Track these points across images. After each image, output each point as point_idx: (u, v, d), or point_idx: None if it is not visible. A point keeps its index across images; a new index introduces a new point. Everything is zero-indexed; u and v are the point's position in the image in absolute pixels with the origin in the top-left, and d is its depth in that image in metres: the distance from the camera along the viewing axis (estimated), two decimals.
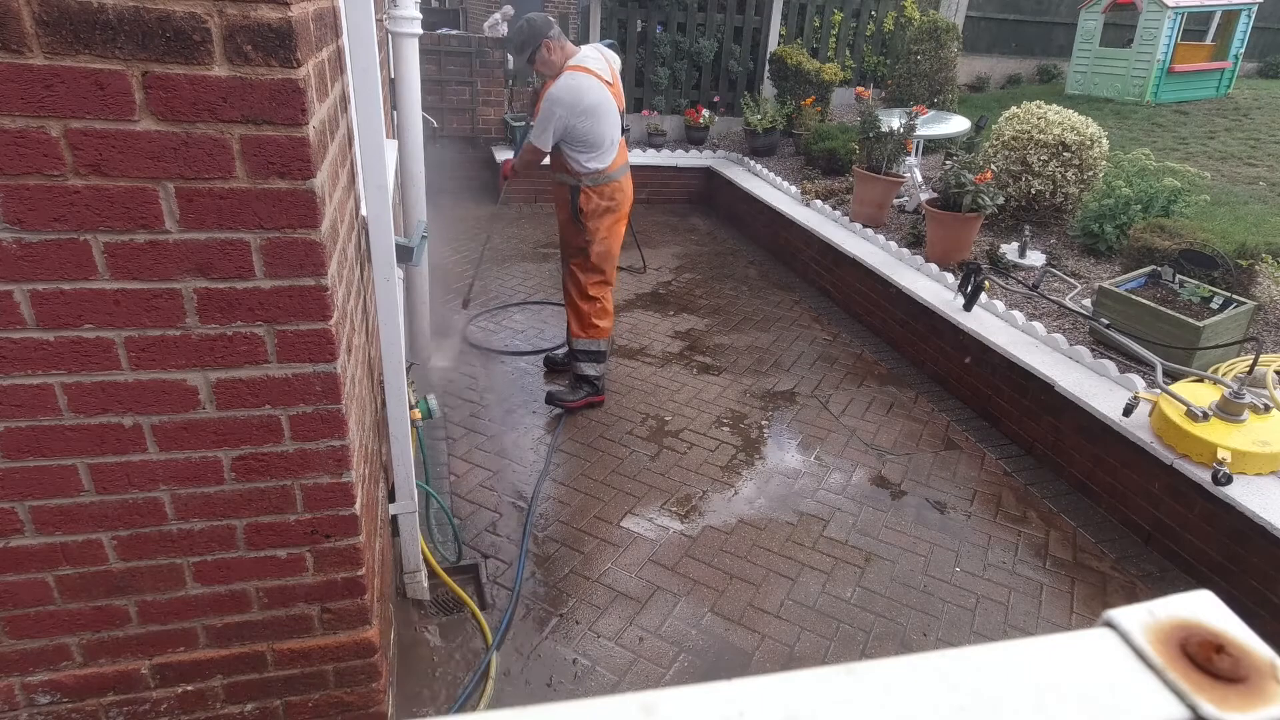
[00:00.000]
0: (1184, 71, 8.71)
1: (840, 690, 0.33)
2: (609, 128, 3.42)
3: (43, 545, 1.38)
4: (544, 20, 3.32)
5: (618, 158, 3.55)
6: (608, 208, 3.54)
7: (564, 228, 3.67)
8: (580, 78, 3.29)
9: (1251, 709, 0.33)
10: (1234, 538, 2.72)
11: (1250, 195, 5.82)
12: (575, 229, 3.57)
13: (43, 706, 1.53)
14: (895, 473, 3.45)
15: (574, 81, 3.26)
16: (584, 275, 3.64)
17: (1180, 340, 3.41)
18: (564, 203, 3.57)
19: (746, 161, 7.07)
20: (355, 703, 1.78)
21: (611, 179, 3.52)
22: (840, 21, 8.20)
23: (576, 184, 3.47)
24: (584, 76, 3.30)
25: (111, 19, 1.05)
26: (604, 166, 3.46)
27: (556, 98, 3.26)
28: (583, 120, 3.30)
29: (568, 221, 3.60)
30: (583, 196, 3.48)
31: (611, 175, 3.51)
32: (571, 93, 3.26)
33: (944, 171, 4.75)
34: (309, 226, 1.26)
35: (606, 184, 3.51)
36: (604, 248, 3.60)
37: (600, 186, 3.49)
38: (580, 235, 3.56)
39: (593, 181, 3.47)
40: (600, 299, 3.68)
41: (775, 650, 2.50)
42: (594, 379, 3.74)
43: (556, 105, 3.26)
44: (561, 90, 3.25)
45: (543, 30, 3.31)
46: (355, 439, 1.56)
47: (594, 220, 3.52)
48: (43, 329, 1.21)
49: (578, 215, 3.51)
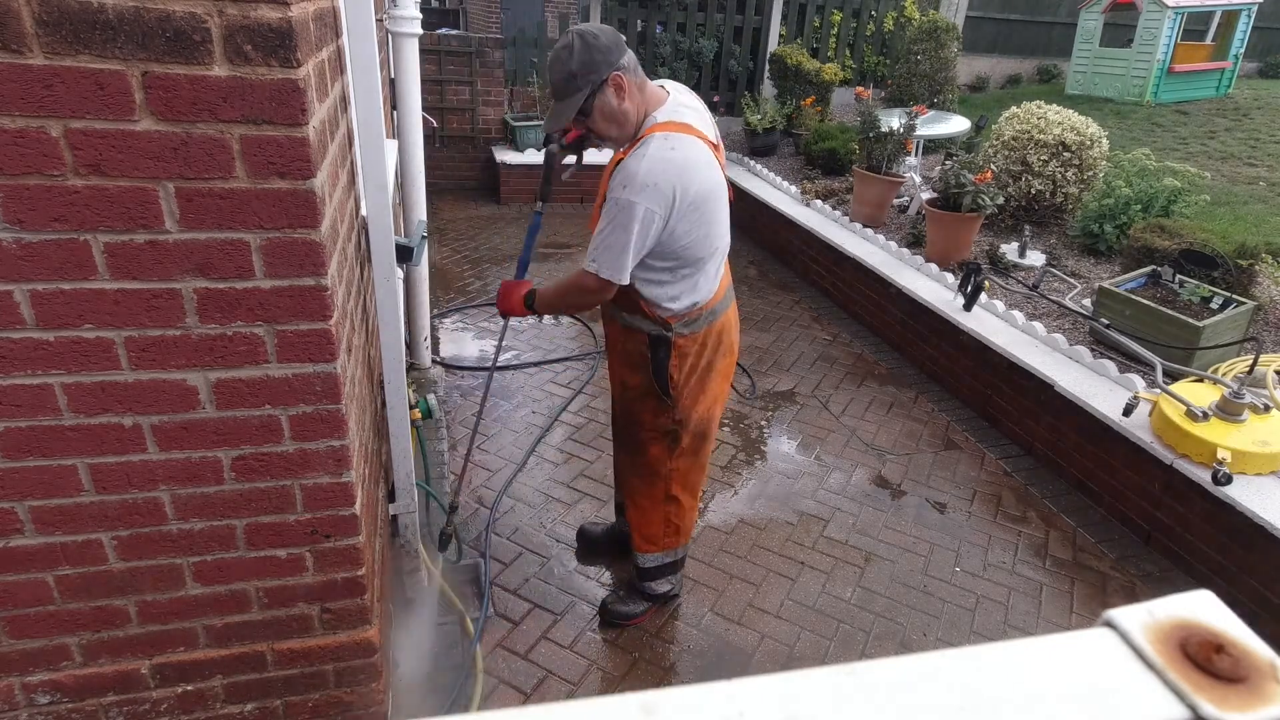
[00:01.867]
0: (1184, 71, 8.71)
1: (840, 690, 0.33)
2: (720, 230, 2.06)
3: (43, 545, 1.38)
4: (611, 38, 1.91)
5: (723, 279, 2.18)
6: (711, 363, 2.20)
7: (632, 396, 2.26)
8: (684, 143, 1.90)
9: (1251, 709, 0.33)
10: (1234, 538, 2.72)
11: (1250, 195, 5.82)
12: (655, 403, 2.21)
13: (43, 706, 1.53)
14: (895, 473, 3.45)
15: (677, 153, 1.88)
16: (669, 464, 2.31)
17: (1180, 340, 3.41)
18: (635, 359, 2.18)
19: (746, 161, 7.07)
20: (355, 703, 1.79)
21: (715, 316, 2.16)
22: (840, 21, 8.20)
23: (661, 333, 2.11)
24: (687, 140, 1.91)
25: (111, 19, 1.04)
26: (706, 299, 2.11)
27: (648, 182, 1.84)
28: (685, 220, 1.93)
29: (643, 390, 2.21)
30: (675, 354, 2.13)
31: (715, 310, 2.15)
32: (674, 173, 1.86)
33: (944, 171, 4.75)
34: (309, 226, 1.26)
35: (709, 325, 2.15)
36: (704, 424, 2.29)
37: (699, 332, 2.14)
38: (666, 412, 2.22)
39: (689, 326, 2.11)
40: (684, 498, 2.40)
41: (775, 650, 2.50)
42: (667, 595, 2.58)
43: (648, 198, 1.85)
44: (657, 169, 1.85)
45: (611, 56, 1.89)
46: (355, 439, 1.56)
47: (690, 386, 2.19)
48: (43, 329, 1.21)
49: (666, 386, 2.17)
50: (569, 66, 1.88)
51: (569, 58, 1.88)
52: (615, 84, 1.89)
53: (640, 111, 1.96)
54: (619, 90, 1.90)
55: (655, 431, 2.26)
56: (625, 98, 1.91)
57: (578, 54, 1.87)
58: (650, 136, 1.89)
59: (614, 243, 1.90)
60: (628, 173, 1.86)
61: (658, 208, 1.86)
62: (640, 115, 1.96)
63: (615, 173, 1.91)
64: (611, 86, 1.89)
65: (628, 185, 1.85)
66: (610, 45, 1.89)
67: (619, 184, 1.88)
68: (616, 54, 1.89)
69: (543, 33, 7.49)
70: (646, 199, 1.84)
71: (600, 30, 1.91)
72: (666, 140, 1.88)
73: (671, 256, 1.99)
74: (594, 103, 1.91)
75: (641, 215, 1.85)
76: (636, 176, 1.85)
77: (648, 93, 1.98)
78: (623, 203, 1.86)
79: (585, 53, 1.87)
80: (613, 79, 1.89)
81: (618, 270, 1.93)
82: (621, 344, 2.21)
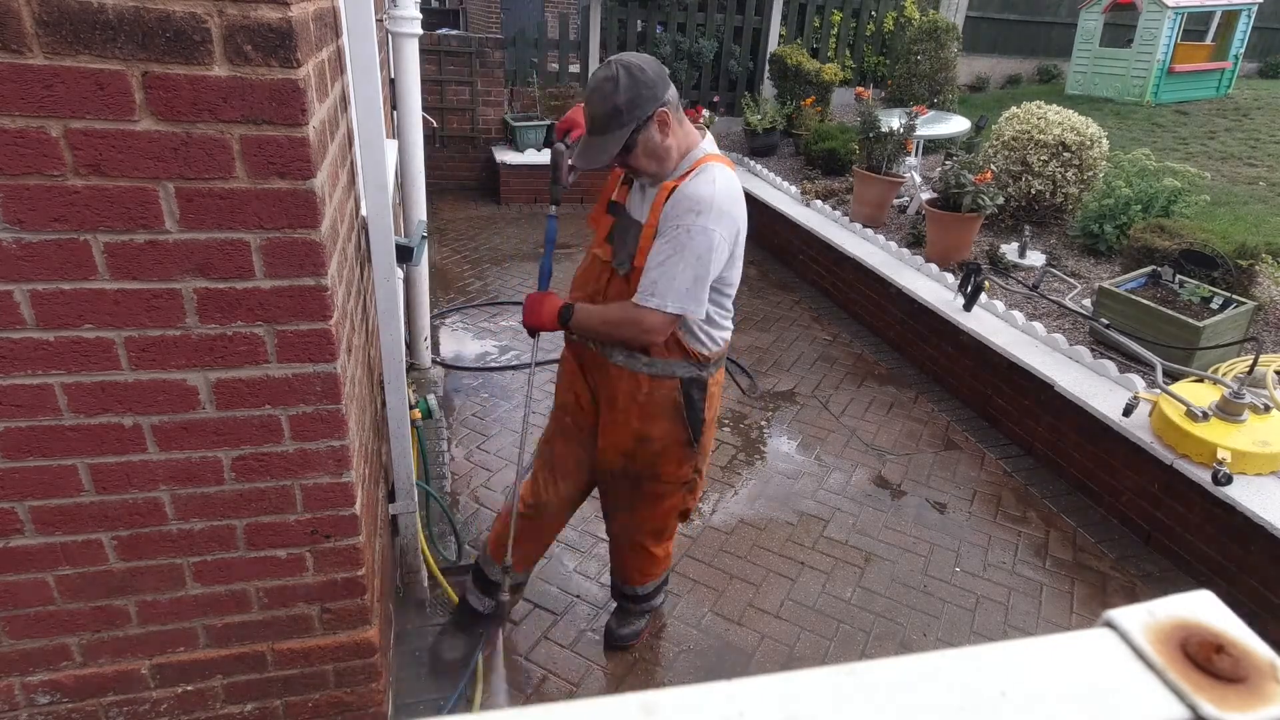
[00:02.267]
0: (1184, 71, 8.72)
1: (840, 690, 0.33)
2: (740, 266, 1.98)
3: (43, 545, 1.38)
4: (657, 71, 1.82)
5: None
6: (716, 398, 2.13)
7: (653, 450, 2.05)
8: (735, 179, 1.88)
9: (1251, 709, 0.33)
10: (1234, 538, 2.72)
11: (1250, 195, 5.82)
12: (680, 452, 2.06)
13: (43, 706, 1.53)
14: (895, 473, 3.45)
15: (735, 184, 1.86)
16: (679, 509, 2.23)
17: (1180, 340, 3.41)
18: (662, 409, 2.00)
19: (746, 161, 7.07)
20: (355, 703, 1.79)
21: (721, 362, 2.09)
22: (840, 21, 8.20)
23: (696, 374, 1.99)
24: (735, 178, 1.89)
25: (111, 19, 1.04)
26: (730, 335, 2.05)
27: (724, 209, 1.79)
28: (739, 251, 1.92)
29: (667, 442, 2.04)
30: (708, 396, 2.04)
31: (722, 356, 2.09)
32: (740, 202, 1.86)
33: (944, 171, 4.75)
34: (309, 226, 1.26)
35: (719, 369, 2.08)
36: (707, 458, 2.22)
37: (719, 372, 2.09)
38: (690, 460, 2.09)
39: (718, 364, 2.06)
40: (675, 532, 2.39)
41: (775, 650, 2.50)
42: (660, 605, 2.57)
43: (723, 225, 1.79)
44: (728, 196, 1.81)
45: (658, 91, 1.80)
46: (355, 439, 1.56)
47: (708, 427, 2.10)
48: (43, 329, 1.21)
49: (699, 431, 2.05)
50: (615, 101, 1.76)
51: (614, 91, 1.75)
52: (661, 120, 1.80)
53: (681, 147, 1.87)
54: (664, 127, 1.81)
55: (675, 483, 2.13)
56: (670, 134, 1.82)
57: (624, 88, 1.75)
58: (710, 165, 1.83)
59: (686, 274, 1.77)
60: (696, 198, 1.76)
61: (729, 235, 1.81)
62: (682, 151, 1.87)
63: (675, 199, 1.80)
64: (657, 123, 1.80)
65: (701, 212, 1.75)
66: (656, 80, 1.79)
67: (687, 210, 1.76)
68: (662, 89, 1.80)
69: (543, 33, 7.49)
70: (722, 226, 1.77)
71: (645, 62, 1.80)
72: (727, 172, 1.84)
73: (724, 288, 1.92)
74: (638, 138, 1.80)
75: (716, 243, 1.77)
76: (712, 203, 1.76)
77: (687, 128, 1.90)
78: (695, 229, 1.75)
79: (632, 88, 1.76)
80: (658, 115, 1.79)
81: (694, 303, 1.81)
82: (638, 394, 1.98)
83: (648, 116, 1.78)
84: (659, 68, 1.82)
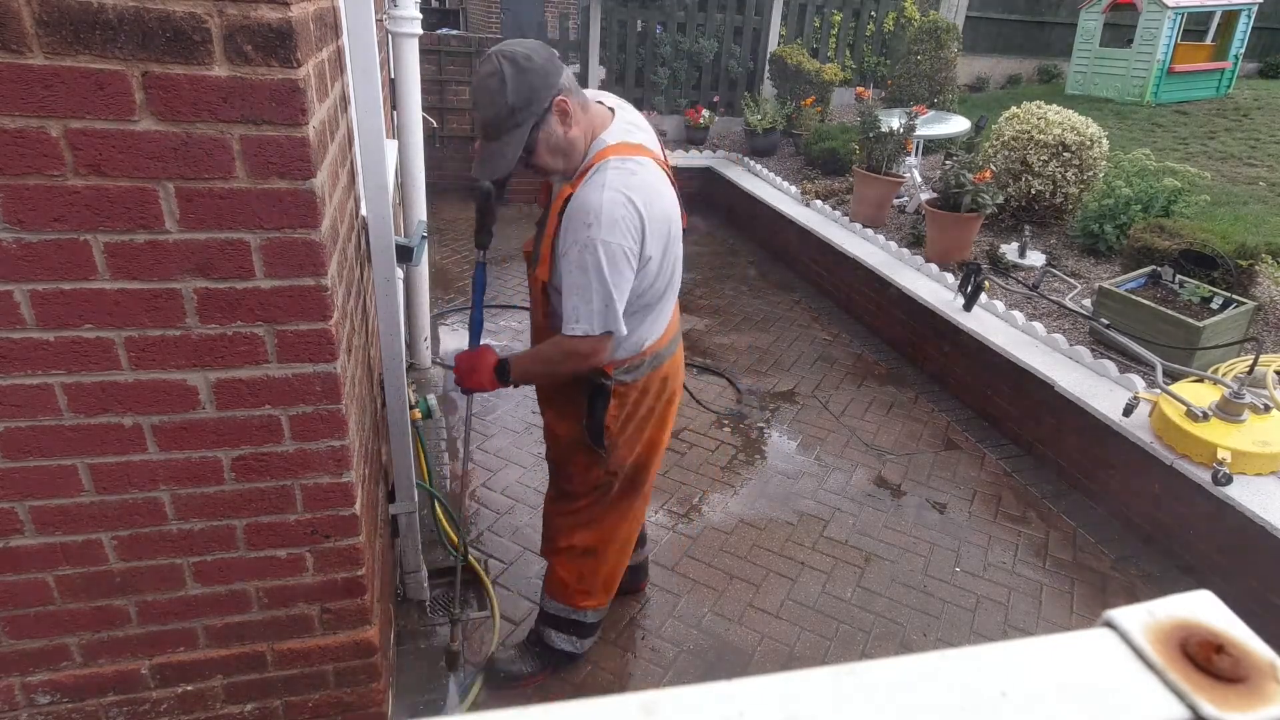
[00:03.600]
0: (1184, 72, 8.71)
1: (840, 690, 0.33)
2: (673, 263, 1.80)
3: (43, 545, 1.38)
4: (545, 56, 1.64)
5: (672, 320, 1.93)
6: (651, 410, 1.93)
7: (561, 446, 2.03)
8: (643, 167, 1.67)
9: (1251, 709, 0.33)
10: (1234, 538, 2.72)
11: (1250, 195, 5.82)
12: (586, 456, 1.96)
13: (43, 706, 1.53)
14: (895, 473, 3.45)
15: (638, 178, 1.64)
16: (594, 514, 2.07)
17: (1180, 340, 3.41)
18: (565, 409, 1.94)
19: (746, 161, 7.07)
20: (355, 703, 1.79)
21: (659, 361, 1.89)
22: (840, 22, 8.20)
23: (599, 381, 1.82)
24: (646, 164, 1.68)
25: (111, 19, 1.04)
26: (651, 342, 1.85)
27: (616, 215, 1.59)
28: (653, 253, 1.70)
29: (573, 441, 1.96)
30: (613, 404, 1.85)
31: (661, 354, 1.89)
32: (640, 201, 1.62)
33: (944, 171, 4.75)
34: (309, 227, 1.26)
35: (653, 370, 1.88)
36: (638, 473, 2.04)
37: (641, 379, 1.87)
38: (598, 464, 1.97)
39: (630, 373, 1.84)
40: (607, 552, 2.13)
41: (775, 650, 2.50)
42: (567, 654, 2.27)
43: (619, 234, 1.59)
44: (621, 199, 1.60)
45: (550, 78, 1.62)
46: (355, 439, 1.56)
47: (627, 434, 1.93)
48: (43, 329, 1.21)
49: (600, 438, 1.88)
50: (505, 100, 1.57)
51: (501, 89, 1.56)
52: (560, 109, 1.61)
53: (588, 135, 1.68)
54: (564, 117, 1.62)
55: (586, 485, 2.02)
56: (572, 123, 1.64)
57: (512, 83, 1.56)
58: (604, 162, 1.62)
59: (596, 292, 1.59)
60: (585, 209, 1.58)
61: (631, 242, 1.59)
62: (588, 139, 1.69)
63: (570, 210, 1.61)
64: (556, 114, 1.61)
65: (591, 224, 1.56)
66: (546, 65, 1.59)
67: (580, 223, 1.58)
68: (555, 74, 1.60)
69: (543, 32, 7.49)
70: (618, 235, 1.57)
71: (531, 49, 1.61)
72: (624, 165, 1.62)
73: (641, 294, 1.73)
74: (538, 135, 1.61)
75: (613, 256, 1.57)
76: (600, 213, 1.56)
77: (592, 112, 1.70)
78: (589, 246, 1.56)
79: (520, 79, 1.56)
80: (556, 105, 1.60)
81: (612, 321, 1.63)
82: (549, 391, 1.97)
83: (545, 109, 1.60)
84: (547, 51, 1.63)
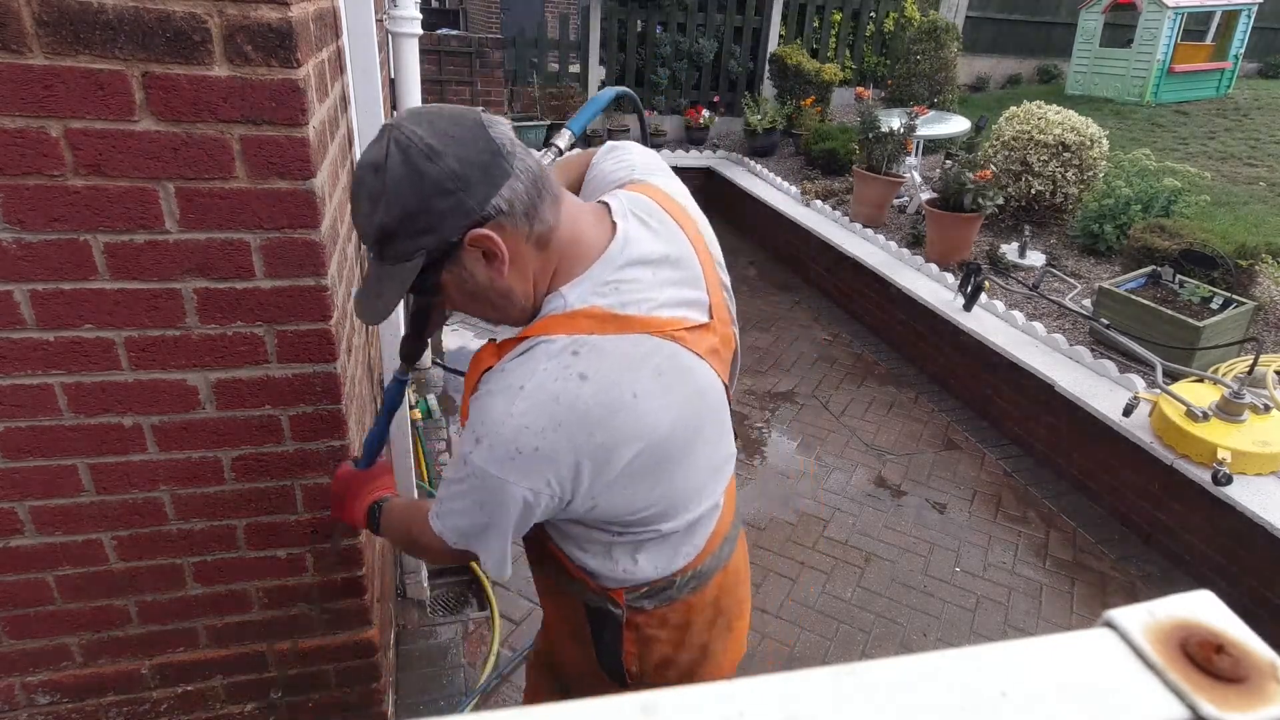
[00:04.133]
0: (1184, 72, 8.71)
1: (840, 690, 0.33)
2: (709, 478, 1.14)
3: (43, 545, 1.38)
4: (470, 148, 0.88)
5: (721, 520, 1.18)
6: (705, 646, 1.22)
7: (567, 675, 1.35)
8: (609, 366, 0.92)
9: (1252, 709, 0.33)
10: (1234, 538, 2.72)
11: (1250, 195, 5.82)
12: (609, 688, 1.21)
13: (43, 706, 1.53)
14: (895, 473, 3.45)
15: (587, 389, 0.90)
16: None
17: (1180, 340, 3.41)
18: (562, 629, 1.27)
19: (746, 161, 7.07)
20: (355, 703, 1.79)
21: (704, 579, 1.16)
22: (840, 22, 8.20)
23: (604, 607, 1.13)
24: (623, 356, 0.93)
25: (111, 19, 1.04)
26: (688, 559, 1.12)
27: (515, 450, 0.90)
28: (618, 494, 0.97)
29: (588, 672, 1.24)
30: (628, 638, 1.15)
31: (705, 569, 1.16)
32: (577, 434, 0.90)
33: (944, 171, 4.75)
34: (309, 227, 1.26)
35: (695, 592, 1.16)
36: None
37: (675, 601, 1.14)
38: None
39: (654, 599, 1.13)
40: None
41: (775, 650, 2.50)
42: None
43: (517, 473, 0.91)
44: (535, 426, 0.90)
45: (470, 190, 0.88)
46: (355, 439, 1.56)
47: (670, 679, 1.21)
48: (43, 329, 1.21)
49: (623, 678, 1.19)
50: (375, 219, 0.90)
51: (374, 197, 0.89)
52: (480, 246, 0.91)
53: (543, 280, 0.98)
54: (491, 259, 0.92)
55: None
56: (504, 266, 0.93)
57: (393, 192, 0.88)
58: (535, 346, 0.94)
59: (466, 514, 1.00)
60: (485, 416, 0.93)
61: (540, 486, 0.93)
62: (542, 287, 0.99)
63: (476, 391, 0.98)
64: (471, 251, 0.92)
65: (480, 441, 0.93)
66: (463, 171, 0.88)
67: (470, 430, 0.95)
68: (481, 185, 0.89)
69: (543, 32, 7.49)
70: (514, 474, 0.92)
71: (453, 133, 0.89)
72: (573, 360, 0.91)
73: (610, 527, 1.04)
74: (440, 278, 0.95)
75: (506, 499, 0.94)
76: (495, 430, 0.91)
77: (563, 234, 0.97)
78: (474, 467, 0.94)
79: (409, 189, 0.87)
80: (472, 241, 0.90)
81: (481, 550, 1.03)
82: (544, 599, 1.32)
83: (451, 244, 0.91)
84: (480, 135, 0.90)
